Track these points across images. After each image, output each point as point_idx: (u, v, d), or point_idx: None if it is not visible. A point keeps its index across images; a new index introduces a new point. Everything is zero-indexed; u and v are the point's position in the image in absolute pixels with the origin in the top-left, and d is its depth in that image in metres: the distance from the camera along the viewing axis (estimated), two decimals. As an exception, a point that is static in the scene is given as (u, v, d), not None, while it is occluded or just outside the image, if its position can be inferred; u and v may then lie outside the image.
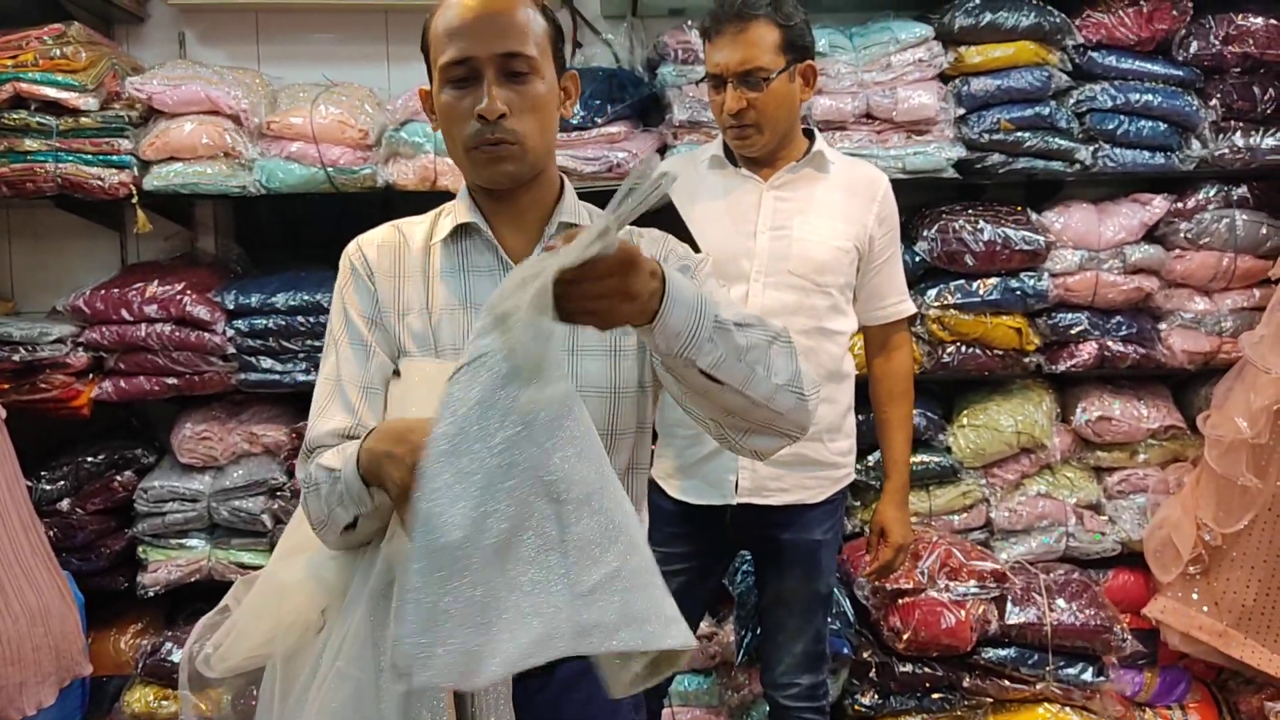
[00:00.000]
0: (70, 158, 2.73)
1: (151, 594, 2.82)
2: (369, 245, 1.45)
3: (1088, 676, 2.70)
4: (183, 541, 2.84)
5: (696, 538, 2.37)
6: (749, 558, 2.57)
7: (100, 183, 2.73)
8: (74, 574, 2.71)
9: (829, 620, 2.65)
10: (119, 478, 2.86)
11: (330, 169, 2.75)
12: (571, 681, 1.41)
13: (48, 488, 2.81)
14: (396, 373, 1.40)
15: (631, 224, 1.47)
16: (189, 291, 2.78)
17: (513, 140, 1.34)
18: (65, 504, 2.82)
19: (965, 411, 3.03)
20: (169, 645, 2.63)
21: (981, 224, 2.89)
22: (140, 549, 2.85)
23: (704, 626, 2.72)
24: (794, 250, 2.25)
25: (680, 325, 1.16)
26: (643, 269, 1.11)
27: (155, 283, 2.80)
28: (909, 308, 2.43)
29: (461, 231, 1.44)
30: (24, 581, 2.47)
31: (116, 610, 2.93)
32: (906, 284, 2.44)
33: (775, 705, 2.47)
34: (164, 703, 2.58)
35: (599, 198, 1.39)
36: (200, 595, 2.74)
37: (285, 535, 1.47)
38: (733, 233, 2.27)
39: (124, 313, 2.75)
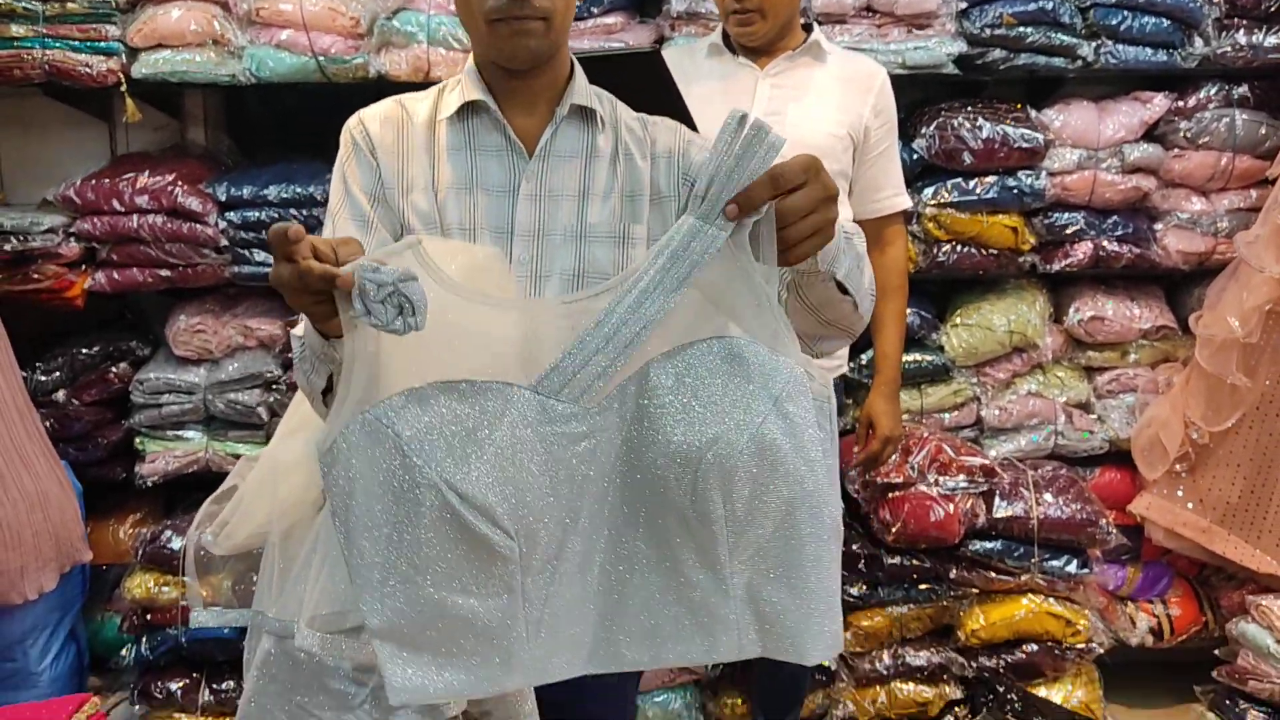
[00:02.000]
0: (57, 44, 2.68)
1: (150, 484, 2.84)
2: (371, 119, 1.41)
3: (1072, 569, 2.75)
4: (180, 433, 2.85)
5: None
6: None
7: (88, 70, 2.69)
8: (71, 464, 2.73)
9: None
10: (114, 369, 2.87)
11: (321, 58, 2.71)
12: None
13: (43, 378, 2.82)
14: None
15: (641, 113, 1.46)
16: (180, 183, 2.76)
17: (540, 15, 1.29)
18: (61, 395, 2.83)
19: (959, 311, 3.04)
20: (168, 534, 2.65)
21: (981, 121, 2.86)
22: (137, 440, 2.87)
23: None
24: (787, 135, 2.22)
25: (835, 242, 1.14)
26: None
27: (146, 173, 2.77)
28: (904, 202, 2.42)
29: (469, 109, 1.39)
30: (22, 468, 2.49)
31: (115, 501, 2.96)
32: (904, 180, 2.44)
33: None
34: (164, 588, 2.62)
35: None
36: (198, 486, 2.77)
37: (285, 417, 1.48)
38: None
39: (115, 203, 2.73)
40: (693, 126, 2.09)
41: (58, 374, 2.84)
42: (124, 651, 2.71)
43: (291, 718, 1.23)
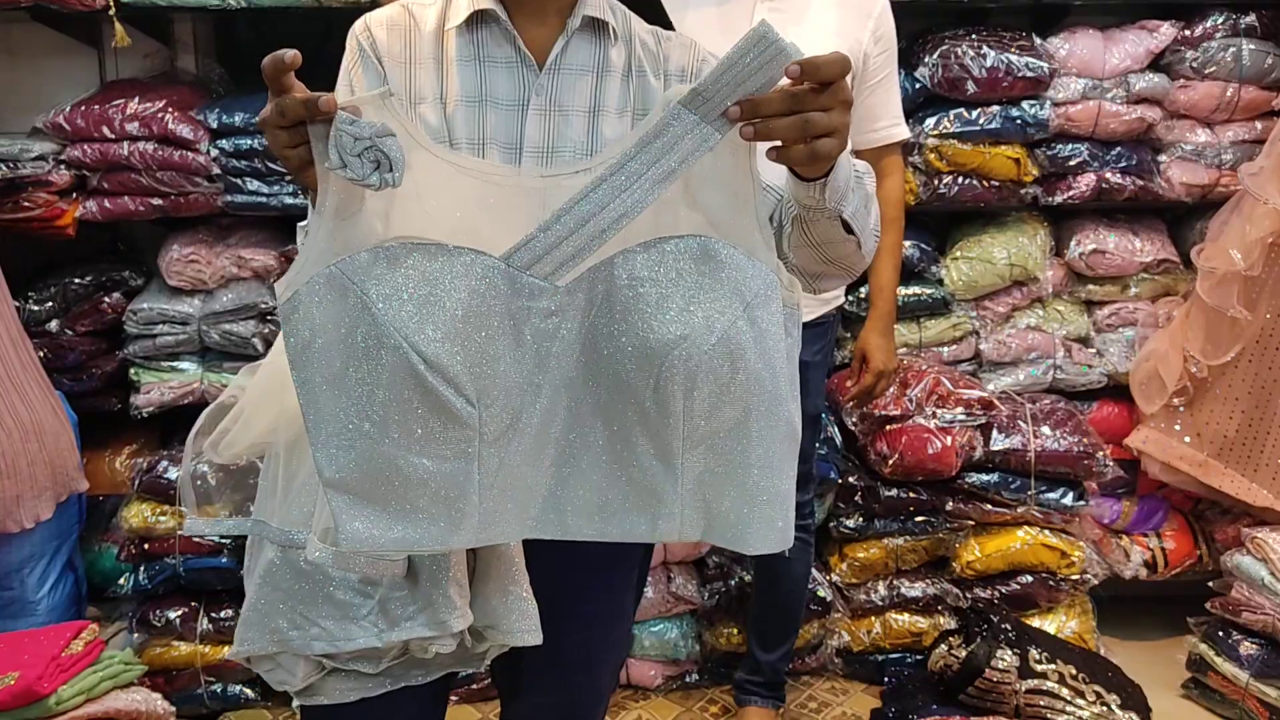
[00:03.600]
0: (43, -34, 2.63)
1: (145, 415, 2.83)
2: (378, 25, 1.35)
3: (1068, 501, 2.76)
4: (174, 364, 2.84)
5: None
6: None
7: (75, -8, 2.63)
8: (66, 394, 2.72)
9: (819, 445, 2.70)
10: (107, 299, 2.84)
11: (313, -19, 2.65)
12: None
13: (35, 308, 2.79)
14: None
15: (650, 25, 1.43)
16: (171, 109, 2.71)
17: None
18: (54, 325, 2.81)
19: (959, 244, 3.01)
20: (165, 464, 2.65)
21: (985, 49, 2.81)
22: (132, 371, 2.85)
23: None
24: None
25: (842, 179, 1.12)
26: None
27: (136, 100, 2.73)
28: (902, 132, 2.39)
29: (478, 19, 1.34)
30: (16, 397, 2.48)
31: (111, 431, 2.95)
32: (904, 111, 2.40)
33: None
34: (161, 518, 2.62)
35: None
36: (194, 417, 2.74)
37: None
38: (723, 46, 2.20)
39: (105, 130, 2.69)
40: None
41: (50, 304, 2.81)
42: (121, 581, 2.71)
43: (294, 626, 1.22)
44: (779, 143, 1.04)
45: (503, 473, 1.03)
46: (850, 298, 2.87)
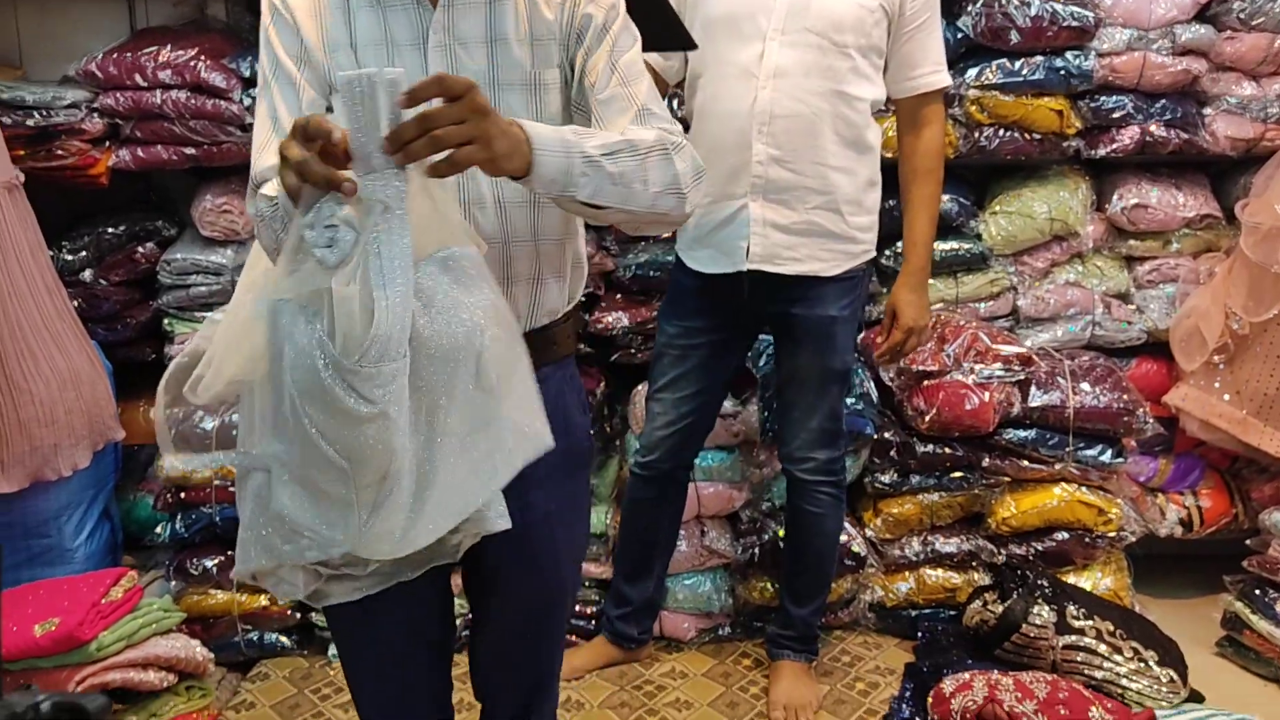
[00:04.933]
0: (74, -90, 2.59)
1: (179, 365, 2.83)
2: None
3: (1106, 458, 2.74)
4: (209, 314, 2.83)
5: (715, 311, 2.38)
6: (772, 340, 2.58)
7: (106, -63, 2.60)
8: (101, 344, 2.72)
9: (854, 400, 2.68)
10: (141, 249, 2.84)
11: (347, -74, 2.61)
12: None
13: (69, 258, 2.79)
14: (330, 109, 1.39)
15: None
16: (203, 57, 2.69)
17: None
18: (88, 274, 2.81)
19: (998, 198, 2.97)
20: (200, 414, 2.65)
21: (1029, -2, 2.76)
22: (166, 321, 2.85)
23: (727, 406, 2.74)
24: (813, 6, 2.16)
25: (554, 172, 1.25)
26: (497, 120, 1.18)
27: (168, 48, 2.70)
28: (942, 79, 2.33)
29: None
30: (53, 346, 2.48)
31: (146, 382, 2.93)
32: (946, 59, 2.35)
33: (793, 479, 2.51)
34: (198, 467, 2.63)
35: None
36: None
37: (244, 272, 1.50)
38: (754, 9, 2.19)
39: (138, 78, 2.67)
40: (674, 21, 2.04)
41: (84, 253, 2.81)
42: (158, 530, 2.73)
43: (286, 540, 1.26)
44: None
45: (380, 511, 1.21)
46: (888, 252, 2.84)
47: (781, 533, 2.73)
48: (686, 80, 2.37)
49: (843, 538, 2.70)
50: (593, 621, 2.79)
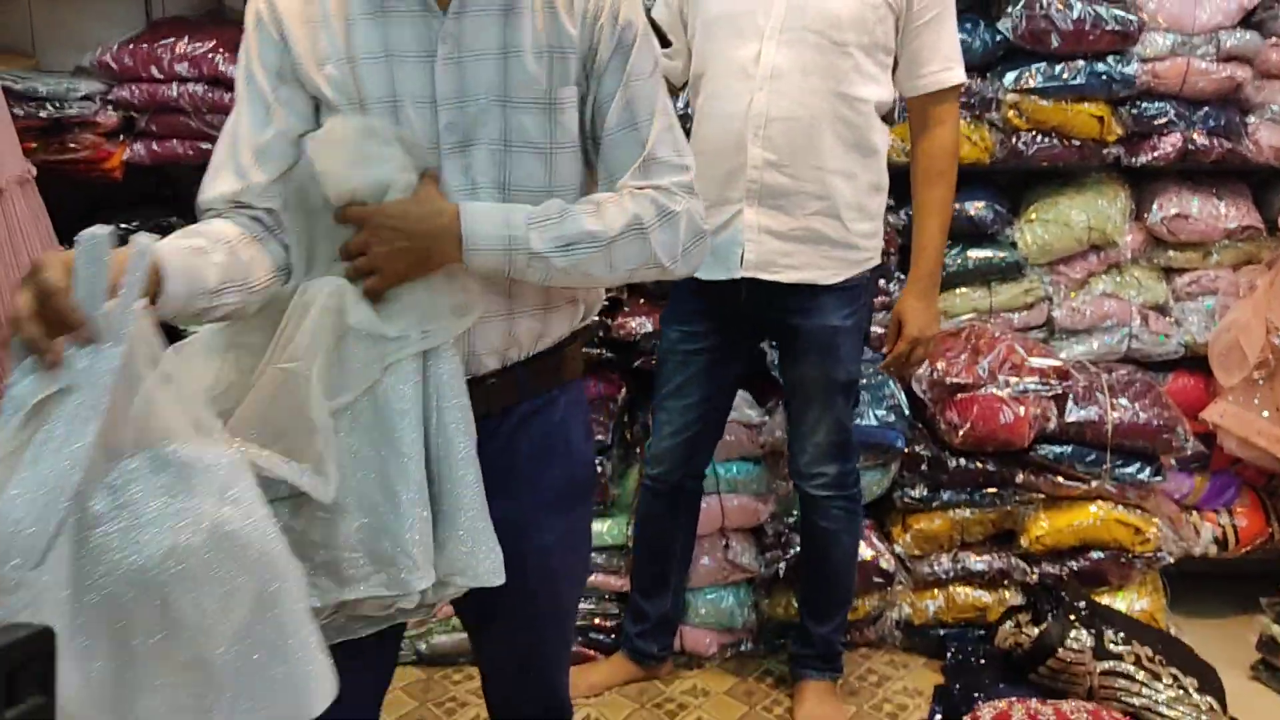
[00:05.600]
0: (90, -103, 2.52)
1: (192, 366, 2.76)
2: None
3: (1144, 476, 2.66)
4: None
5: (713, 316, 2.31)
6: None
7: (123, -75, 2.53)
8: (112, 343, 2.65)
9: (885, 412, 2.61)
10: (155, 246, 2.76)
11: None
12: (527, 417, 1.42)
13: (81, 254, 2.72)
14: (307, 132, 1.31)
15: None
16: (221, 50, 2.62)
17: None
18: (100, 271, 2.74)
19: (1034, 205, 2.89)
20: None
21: (1072, 0, 2.68)
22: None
23: (753, 416, 2.67)
24: (812, 3, 2.08)
25: (491, 266, 1.26)
26: (404, 233, 1.22)
27: (185, 39, 2.63)
28: (954, 77, 2.22)
29: None
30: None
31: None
32: (983, 64, 2.26)
33: (805, 495, 2.44)
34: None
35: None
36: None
37: None
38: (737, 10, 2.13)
39: (154, 70, 2.60)
40: None
41: (96, 249, 2.73)
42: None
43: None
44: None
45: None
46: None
47: (807, 546, 2.66)
48: (690, 80, 2.29)
49: (870, 553, 2.63)
50: (612, 636, 2.71)
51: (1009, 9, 2.71)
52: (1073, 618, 2.43)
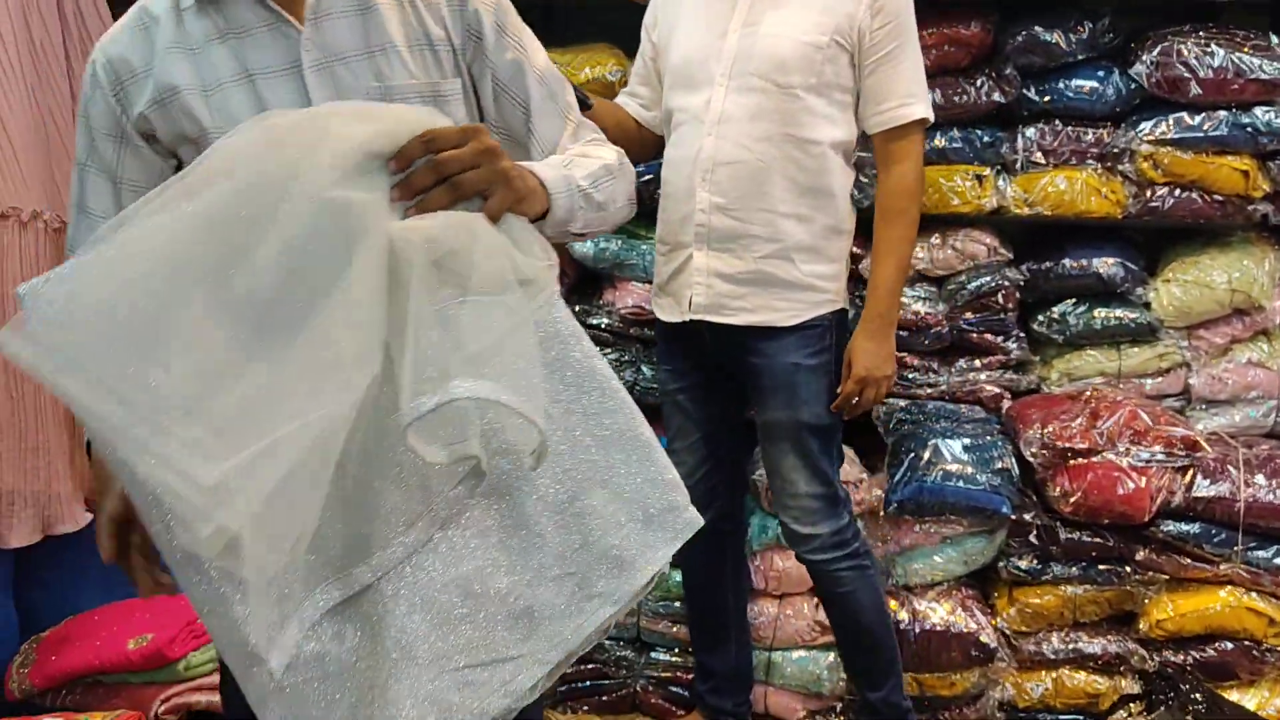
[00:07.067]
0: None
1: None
2: (112, 44, 1.27)
3: (1281, 562, 2.42)
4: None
5: (686, 355, 2.32)
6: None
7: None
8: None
9: (991, 475, 2.47)
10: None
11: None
12: None
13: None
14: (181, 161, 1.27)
15: None
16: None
17: None
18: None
19: (1172, 264, 2.70)
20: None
21: (1213, 47, 2.52)
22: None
23: (852, 472, 2.56)
24: (758, 48, 2.07)
25: (564, 213, 1.18)
26: (510, 161, 1.09)
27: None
28: (913, 112, 2.11)
29: None
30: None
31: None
32: (1115, 113, 2.13)
33: (805, 564, 2.30)
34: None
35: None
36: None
37: None
38: (705, 34, 2.15)
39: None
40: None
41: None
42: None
43: None
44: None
45: None
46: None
47: (902, 614, 2.52)
48: (664, 129, 2.31)
49: (971, 626, 2.47)
50: (688, 690, 2.63)
51: (1142, 55, 2.56)
52: (1188, 711, 2.21)
